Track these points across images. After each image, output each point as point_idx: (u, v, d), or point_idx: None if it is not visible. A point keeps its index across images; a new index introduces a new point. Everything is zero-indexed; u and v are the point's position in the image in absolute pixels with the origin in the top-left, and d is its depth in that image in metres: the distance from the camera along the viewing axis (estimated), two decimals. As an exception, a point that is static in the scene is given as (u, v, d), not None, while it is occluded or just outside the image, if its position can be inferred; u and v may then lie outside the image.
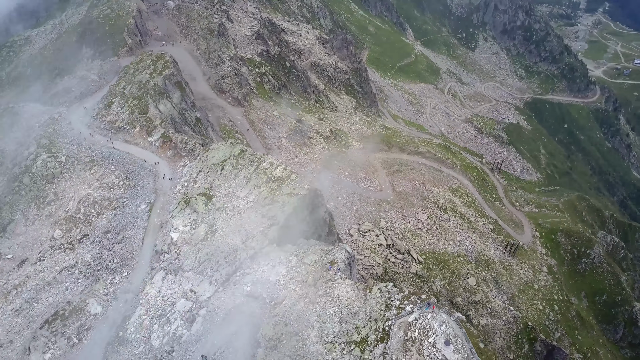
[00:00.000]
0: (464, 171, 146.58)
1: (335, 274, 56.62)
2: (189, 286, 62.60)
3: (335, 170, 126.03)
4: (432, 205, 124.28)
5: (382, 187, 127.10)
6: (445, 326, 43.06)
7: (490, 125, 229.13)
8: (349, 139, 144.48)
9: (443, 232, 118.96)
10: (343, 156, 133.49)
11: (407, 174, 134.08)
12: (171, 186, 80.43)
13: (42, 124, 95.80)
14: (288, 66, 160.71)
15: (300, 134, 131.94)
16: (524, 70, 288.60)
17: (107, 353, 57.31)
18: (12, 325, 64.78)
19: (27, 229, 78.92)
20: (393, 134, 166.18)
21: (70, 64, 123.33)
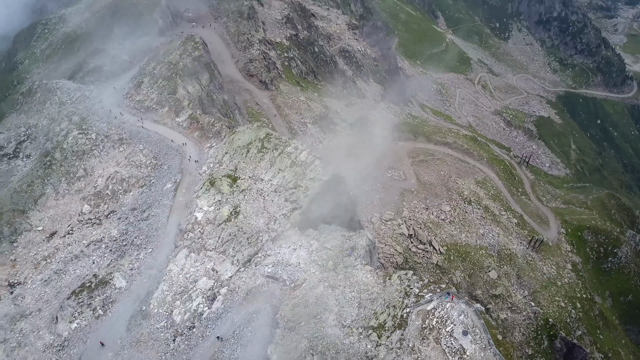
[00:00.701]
0: (491, 164, 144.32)
1: (356, 260, 56.81)
2: (211, 265, 63.67)
3: (359, 157, 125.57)
4: (456, 197, 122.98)
5: (406, 176, 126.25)
6: (463, 316, 42.91)
7: (520, 118, 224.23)
8: (375, 127, 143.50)
9: (466, 224, 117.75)
10: (368, 144, 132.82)
11: (433, 164, 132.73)
12: (197, 167, 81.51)
13: (74, 101, 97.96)
14: (316, 51, 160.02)
15: (325, 120, 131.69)
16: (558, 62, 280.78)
17: (130, 326, 58.87)
18: (40, 294, 66.97)
19: (57, 203, 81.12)
20: (420, 123, 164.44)
21: (102, 43, 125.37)
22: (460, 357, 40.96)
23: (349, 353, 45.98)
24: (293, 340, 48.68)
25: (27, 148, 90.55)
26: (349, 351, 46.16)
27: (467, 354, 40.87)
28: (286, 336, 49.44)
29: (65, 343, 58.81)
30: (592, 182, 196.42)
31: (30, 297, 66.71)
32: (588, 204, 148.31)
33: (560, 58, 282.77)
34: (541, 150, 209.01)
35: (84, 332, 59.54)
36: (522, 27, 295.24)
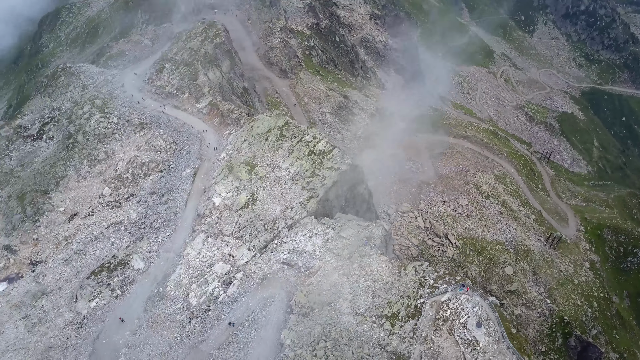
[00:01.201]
0: (511, 158, 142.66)
1: (371, 250, 56.93)
2: (227, 250, 64.38)
3: (378, 148, 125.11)
4: (474, 191, 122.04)
5: (424, 169, 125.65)
6: (478, 308, 42.82)
7: (543, 113, 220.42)
8: (394, 118, 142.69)
9: (483, 218, 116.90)
10: (387, 135, 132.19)
11: (452, 157, 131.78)
12: (216, 153, 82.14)
13: (97, 85, 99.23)
14: (337, 40, 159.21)
15: (345, 110, 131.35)
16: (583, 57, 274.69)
17: (147, 306, 59.96)
18: (61, 273, 68.48)
19: (78, 185, 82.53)
20: (440, 115, 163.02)
21: (125, 28, 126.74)
22: (473, 348, 40.95)
23: (361, 340, 46.26)
24: (307, 326, 49.13)
25: (50, 130, 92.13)
26: (361, 339, 46.44)
27: (480, 346, 40.84)
28: (300, 322, 49.90)
29: (84, 321, 60.20)
30: (614, 181, 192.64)
31: (51, 276, 68.28)
32: (609, 203, 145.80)
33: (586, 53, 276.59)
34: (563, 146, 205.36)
35: (102, 311, 60.86)
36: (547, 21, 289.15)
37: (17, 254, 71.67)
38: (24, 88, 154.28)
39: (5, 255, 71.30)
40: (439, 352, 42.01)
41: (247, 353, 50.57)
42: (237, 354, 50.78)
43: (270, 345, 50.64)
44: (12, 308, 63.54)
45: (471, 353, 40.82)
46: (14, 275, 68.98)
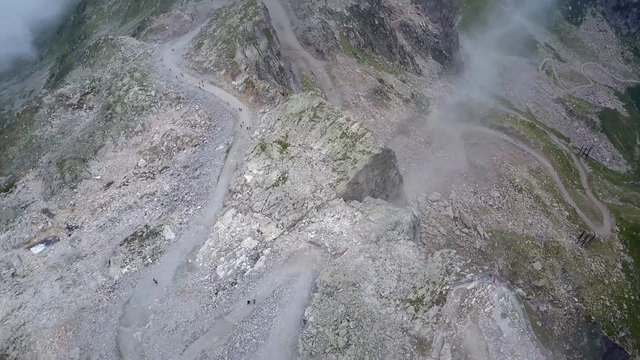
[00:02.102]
0: (547, 153, 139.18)
1: (399, 235, 56.78)
2: (256, 226, 65.26)
3: (411, 135, 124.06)
4: (507, 183, 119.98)
5: (457, 158, 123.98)
6: (504, 299, 42.40)
7: (584, 108, 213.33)
8: (429, 105, 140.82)
9: (514, 212, 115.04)
10: (421, 122, 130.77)
11: (486, 148, 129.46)
12: (249, 131, 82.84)
13: (136, 58, 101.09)
14: (376, 24, 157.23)
15: (379, 94, 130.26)
16: (632, 52, 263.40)
17: (176, 276, 61.56)
18: (95, 239, 70.81)
19: (115, 155, 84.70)
20: (477, 105, 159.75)
21: (166, 2, 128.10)
22: (496, 338, 40.69)
23: (384, 323, 46.50)
24: (330, 305, 49.62)
25: (90, 100, 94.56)
26: (384, 321, 46.67)
27: (504, 336, 40.54)
28: (324, 300, 50.42)
29: (116, 286, 62.28)
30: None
31: (86, 241, 70.69)
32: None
33: (635, 47, 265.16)
34: (603, 143, 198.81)
35: (133, 277, 62.81)
36: (596, 12, 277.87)
37: (54, 218, 74.38)
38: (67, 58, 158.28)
39: (43, 218, 74.08)
40: (461, 339, 41.91)
41: (270, 327, 51.52)
42: (260, 328, 51.78)
43: (293, 321, 51.43)
44: (49, 269, 66.28)
45: (494, 342, 40.59)
46: (51, 238, 71.73)
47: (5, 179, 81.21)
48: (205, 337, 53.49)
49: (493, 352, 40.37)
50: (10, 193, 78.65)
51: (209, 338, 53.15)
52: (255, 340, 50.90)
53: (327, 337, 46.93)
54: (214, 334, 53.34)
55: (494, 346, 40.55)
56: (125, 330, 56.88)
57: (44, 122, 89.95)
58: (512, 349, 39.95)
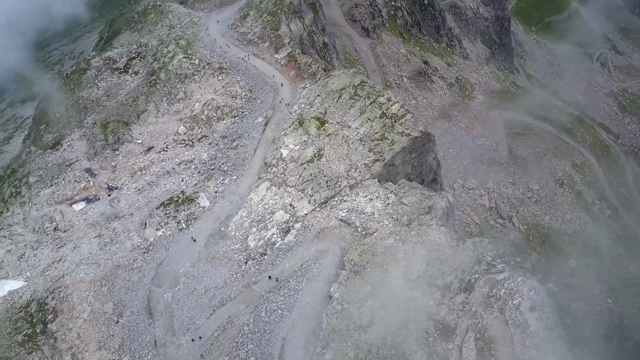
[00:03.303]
0: (593, 148, 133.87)
1: (432, 220, 56.16)
2: (289, 200, 65.79)
3: (452, 120, 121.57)
4: (547, 177, 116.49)
5: (497, 147, 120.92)
6: (534, 293, 41.59)
7: (638, 104, 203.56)
8: (473, 91, 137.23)
9: (553, 206, 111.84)
10: (464, 107, 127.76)
11: (529, 139, 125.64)
12: (288, 106, 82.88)
13: (183, 26, 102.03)
14: (425, 3, 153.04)
15: (423, 76, 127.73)
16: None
17: (208, 243, 62.99)
18: (133, 201, 73.00)
19: (156, 120, 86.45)
20: (523, 93, 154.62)
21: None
22: (522, 331, 40.07)
23: (409, 305, 46.43)
24: (357, 283, 49.89)
25: (136, 65, 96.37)
26: (409, 304, 46.59)
27: (530, 330, 39.87)
28: (351, 278, 50.71)
29: (150, 247, 64.28)
30: None
31: (124, 202, 72.97)
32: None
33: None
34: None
35: (167, 241, 64.65)
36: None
37: (96, 178, 76.95)
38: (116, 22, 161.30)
39: (86, 177, 76.76)
40: (486, 328, 41.48)
41: (296, 300, 52.31)
42: (286, 299, 52.65)
43: (319, 296, 52.03)
44: (88, 226, 68.94)
45: (520, 335, 40.00)
46: (92, 196, 74.38)
47: (52, 136, 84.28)
48: (232, 304, 54.83)
49: (518, 345, 39.84)
50: (56, 150, 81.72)
51: (236, 305, 54.45)
52: (280, 311, 51.86)
53: (351, 315, 47.34)
54: (240, 302, 54.60)
55: (520, 339, 39.99)
56: (156, 290, 58.87)
57: (91, 84, 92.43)
58: (538, 344, 39.30)
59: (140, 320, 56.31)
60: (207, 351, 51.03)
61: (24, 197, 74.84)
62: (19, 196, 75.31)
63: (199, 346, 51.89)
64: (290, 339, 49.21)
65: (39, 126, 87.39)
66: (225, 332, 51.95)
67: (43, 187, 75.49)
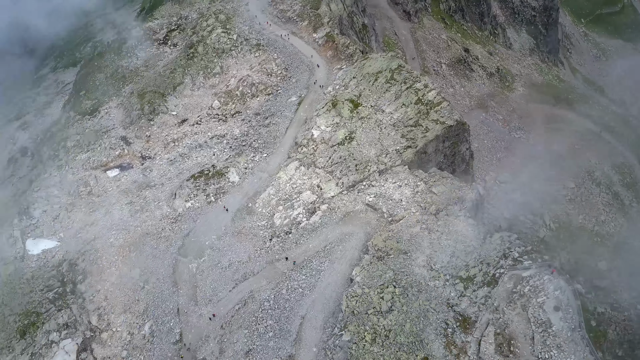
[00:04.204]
0: (635, 149, 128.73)
1: (460, 211, 55.32)
2: (317, 181, 65.82)
3: (489, 111, 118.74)
4: (584, 175, 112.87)
5: (534, 142, 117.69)
6: (560, 292, 40.67)
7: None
8: (514, 82, 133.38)
9: (588, 206, 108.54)
10: (502, 98, 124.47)
11: (568, 135, 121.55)
12: (322, 87, 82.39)
13: (223, 0, 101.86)
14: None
15: (463, 64, 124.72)
16: None
17: (235, 217, 63.85)
18: (165, 171, 74.36)
19: (192, 93, 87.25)
20: (566, 88, 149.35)
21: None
22: (544, 330, 39.34)
23: (430, 295, 46.17)
24: (379, 269, 49.80)
25: (175, 37, 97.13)
26: (431, 293, 46.33)
27: (553, 329, 39.11)
28: (373, 263, 50.65)
29: (179, 218, 65.58)
30: None
31: (156, 172, 74.41)
32: None
33: None
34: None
35: (195, 212, 65.82)
36: None
37: (131, 146, 78.55)
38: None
39: (121, 145, 78.44)
40: (507, 324, 40.91)
41: (317, 280, 52.64)
42: (308, 279, 53.03)
43: (340, 278, 52.20)
44: (120, 193, 70.70)
45: (541, 334, 39.29)
46: (126, 164, 76.06)
47: (91, 103, 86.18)
48: (254, 279, 55.65)
49: (538, 343, 39.18)
50: (94, 117, 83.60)
51: (258, 280, 55.23)
52: (301, 290, 52.32)
53: (372, 299, 47.37)
54: (263, 277, 55.33)
55: (541, 337, 39.30)
56: (182, 260, 60.21)
57: (130, 53, 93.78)
58: (560, 344, 38.55)
59: (165, 287, 57.80)
60: (227, 323, 52.08)
61: (61, 160, 77.13)
62: (57, 159, 77.65)
63: (219, 317, 52.95)
64: (309, 318, 49.68)
65: (79, 92, 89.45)
66: (246, 306, 52.83)
67: (80, 152, 77.56)
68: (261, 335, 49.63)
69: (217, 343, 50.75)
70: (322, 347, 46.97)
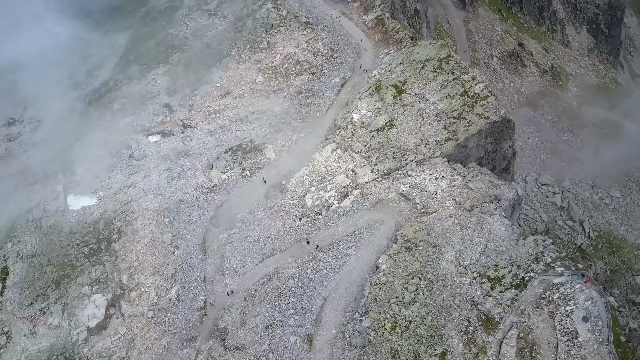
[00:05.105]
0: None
1: (495, 209, 53.95)
2: (352, 166, 65.41)
3: (538, 109, 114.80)
4: (632, 185, 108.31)
5: (583, 145, 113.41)
6: (591, 303, 39.20)
7: None
8: (567, 82, 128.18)
9: (632, 217, 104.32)
10: (553, 98, 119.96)
11: (619, 142, 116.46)
12: (366, 71, 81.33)
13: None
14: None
15: (515, 59, 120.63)
16: None
17: (268, 193, 64.43)
18: (204, 141, 75.42)
19: (237, 67, 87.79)
20: (623, 92, 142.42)
21: None
22: (569, 339, 38.15)
23: (455, 291, 45.47)
24: (406, 259, 49.32)
25: (225, 9, 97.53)
26: (456, 289, 45.62)
27: (579, 340, 37.87)
28: (401, 253, 50.17)
29: (214, 188, 66.68)
30: None
31: (195, 141, 75.57)
32: None
33: None
34: None
35: (230, 185, 66.76)
36: None
37: (173, 114, 79.96)
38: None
39: (164, 112, 79.96)
40: (531, 329, 39.87)
41: (343, 263, 52.69)
42: (334, 261, 53.12)
43: (366, 264, 52.08)
44: (160, 158, 72.28)
45: (566, 343, 38.12)
46: (167, 131, 77.60)
47: (139, 68, 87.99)
48: (281, 256, 56.23)
49: (562, 352, 38.07)
50: (141, 82, 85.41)
51: (285, 257, 55.76)
52: (326, 271, 52.52)
53: (395, 289, 47.08)
54: (290, 255, 55.82)
55: (565, 346, 38.16)
56: (213, 230, 61.37)
57: (180, 22, 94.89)
58: (584, 355, 37.32)
59: (194, 255, 59.15)
60: (251, 296, 52.92)
61: (107, 121, 79.33)
62: (103, 120, 79.97)
63: (243, 289, 53.83)
64: (331, 300, 49.94)
65: (129, 57, 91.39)
66: (270, 281, 53.50)
67: (125, 115, 79.60)
68: (282, 312, 50.28)
69: (239, 314, 51.72)
70: (341, 330, 47.22)
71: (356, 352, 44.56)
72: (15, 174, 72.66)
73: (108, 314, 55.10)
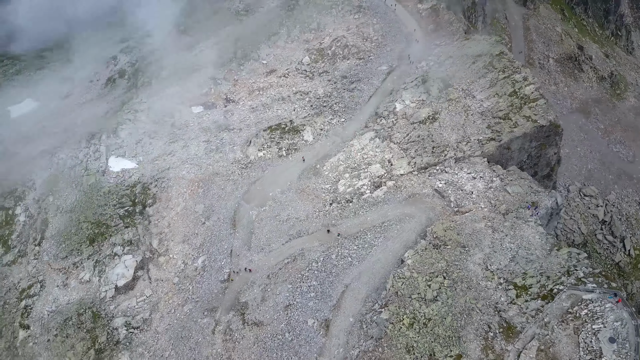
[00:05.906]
0: None
1: (531, 216, 52.29)
2: (389, 156, 64.62)
3: (591, 117, 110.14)
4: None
5: (634, 160, 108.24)
6: (620, 324, 37.62)
7: None
8: (627, 91, 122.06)
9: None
10: (609, 106, 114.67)
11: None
12: (412, 62, 79.70)
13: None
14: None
15: (573, 62, 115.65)
16: None
17: (302, 175, 64.49)
18: (245, 117, 76.03)
19: (285, 45, 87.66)
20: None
21: None
22: (593, 358, 36.82)
23: (479, 294, 44.57)
24: (432, 256, 48.61)
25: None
26: (480, 293, 44.71)
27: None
28: (428, 250, 49.48)
29: (249, 164, 67.29)
30: None
31: (237, 116, 76.26)
32: None
33: None
34: None
35: (265, 163, 67.20)
36: None
37: (218, 87, 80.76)
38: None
39: (209, 84, 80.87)
40: (553, 342, 38.69)
41: (368, 253, 52.41)
42: (360, 250, 52.91)
43: (391, 257, 51.63)
44: (200, 130, 73.37)
45: (589, 362, 36.93)
46: (210, 103, 78.53)
47: (189, 39, 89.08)
48: (308, 238, 56.37)
49: (583, 371, 36.90)
50: (189, 52, 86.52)
51: (311, 240, 55.88)
52: (350, 259, 52.40)
53: (418, 285, 46.55)
54: (316, 239, 55.90)
55: (587, 366, 36.95)
56: (244, 205, 62.05)
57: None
58: (606, 377, 36.05)
59: (223, 227, 60.05)
60: (274, 274, 53.38)
61: (153, 88, 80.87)
62: (149, 87, 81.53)
63: (267, 267, 54.39)
64: (352, 288, 49.83)
65: (179, 27, 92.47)
66: (294, 262, 53.78)
67: (170, 84, 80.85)
68: (303, 294, 50.55)
69: (260, 291, 52.34)
70: (359, 319, 47.14)
71: (371, 342, 44.43)
72: (62, 132, 75.29)
73: (136, 276, 56.77)
